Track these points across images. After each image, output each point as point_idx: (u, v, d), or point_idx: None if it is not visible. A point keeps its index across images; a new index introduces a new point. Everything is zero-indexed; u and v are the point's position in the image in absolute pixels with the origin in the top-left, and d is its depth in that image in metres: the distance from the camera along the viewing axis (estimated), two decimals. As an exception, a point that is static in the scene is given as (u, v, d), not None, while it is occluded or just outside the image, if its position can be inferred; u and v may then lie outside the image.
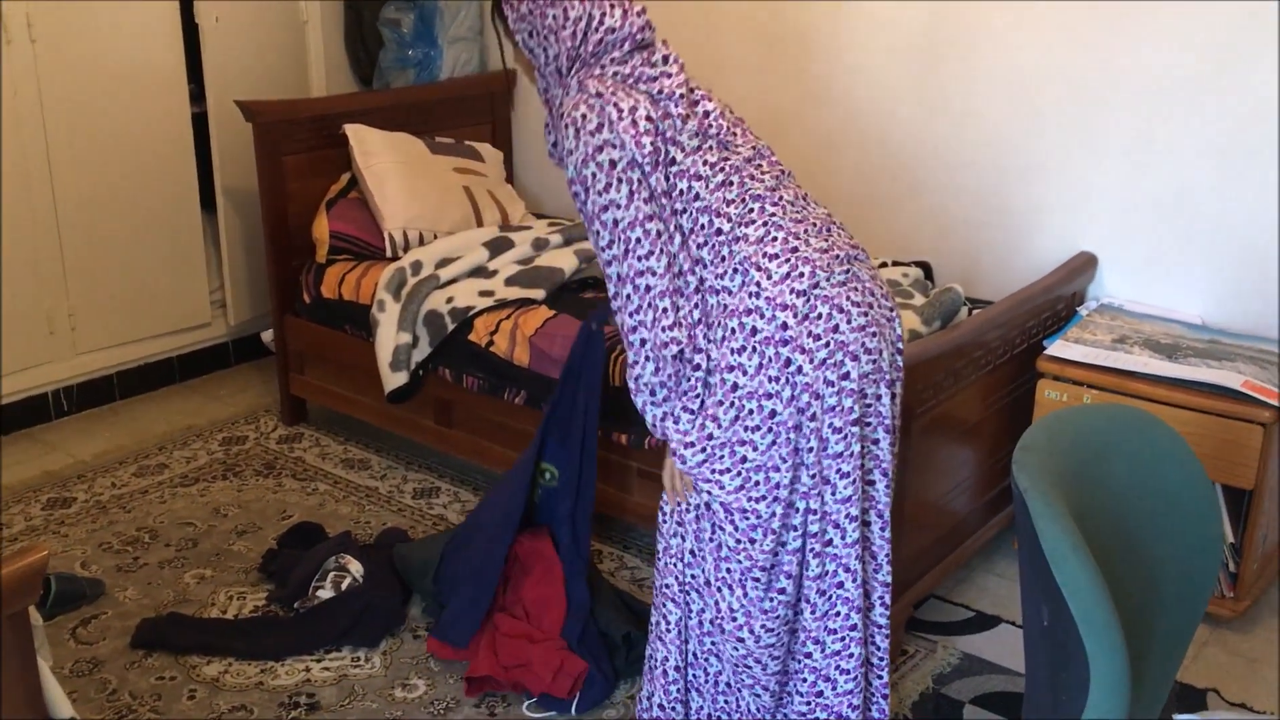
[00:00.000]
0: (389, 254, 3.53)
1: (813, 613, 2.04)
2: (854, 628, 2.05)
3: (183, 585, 2.93)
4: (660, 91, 1.99)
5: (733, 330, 1.94)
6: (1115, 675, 1.33)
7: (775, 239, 1.95)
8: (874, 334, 1.97)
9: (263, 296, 4.01)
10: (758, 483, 1.95)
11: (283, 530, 3.13)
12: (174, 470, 3.52)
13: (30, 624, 1.58)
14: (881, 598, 2.11)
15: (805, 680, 2.09)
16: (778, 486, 1.95)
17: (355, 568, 2.81)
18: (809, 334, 1.91)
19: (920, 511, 2.64)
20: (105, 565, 3.01)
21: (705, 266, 1.96)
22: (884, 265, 3.27)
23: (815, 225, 2.01)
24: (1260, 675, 2.63)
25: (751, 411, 1.93)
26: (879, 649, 2.15)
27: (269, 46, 4.10)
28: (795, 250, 1.95)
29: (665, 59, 2.02)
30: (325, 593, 2.76)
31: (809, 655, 2.08)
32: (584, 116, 1.93)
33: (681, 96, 1.99)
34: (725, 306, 1.95)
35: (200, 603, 2.86)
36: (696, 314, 1.96)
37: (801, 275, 1.93)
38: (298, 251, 3.66)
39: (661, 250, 1.93)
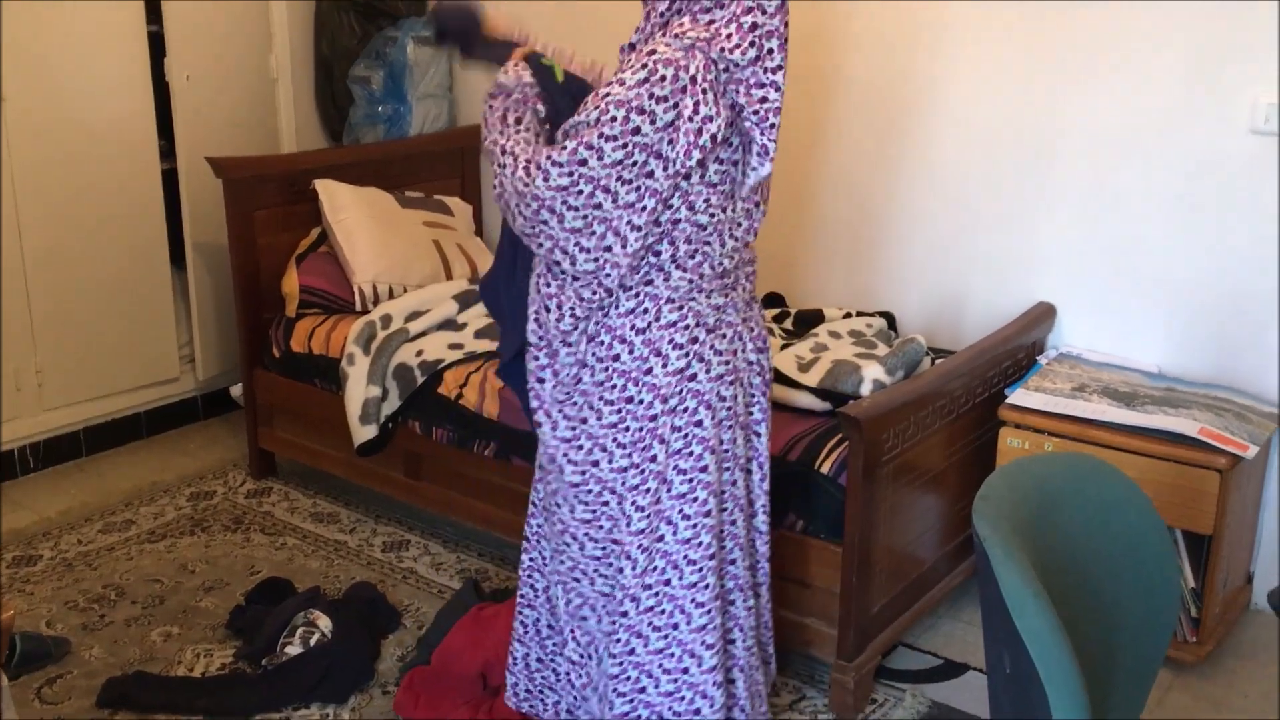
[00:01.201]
0: (359, 308, 3.55)
1: (646, 645, 2.12)
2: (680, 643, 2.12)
3: (149, 643, 2.91)
4: (755, 113, 1.85)
5: (601, 341, 2.00)
6: (1076, 721, 1.35)
7: (682, 289, 1.99)
8: (730, 382, 2.04)
9: (232, 351, 4.01)
10: (574, 448, 2.09)
11: (251, 586, 3.11)
12: (141, 526, 3.50)
13: (-3, 684, 1.57)
14: (758, 636, 2.25)
15: (629, 679, 2.14)
16: (587, 463, 2.09)
17: (324, 623, 2.79)
18: (668, 383, 1.99)
19: (886, 559, 2.66)
20: (71, 623, 2.98)
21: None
22: (848, 315, 3.31)
23: (725, 283, 2.04)
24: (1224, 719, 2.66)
25: (577, 404, 2.05)
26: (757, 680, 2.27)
27: (239, 103, 4.13)
28: (692, 300, 1.99)
29: (776, 83, 1.85)
30: (294, 649, 2.75)
31: (632, 651, 2.12)
32: (661, 79, 1.77)
33: (764, 132, 1.86)
34: (604, 314, 1.99)
35: (167, 661, 2.83)
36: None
37: (687, 327, 1.99)
38: (267, 306, 3.67)
39: (589, 215, 1.86)
